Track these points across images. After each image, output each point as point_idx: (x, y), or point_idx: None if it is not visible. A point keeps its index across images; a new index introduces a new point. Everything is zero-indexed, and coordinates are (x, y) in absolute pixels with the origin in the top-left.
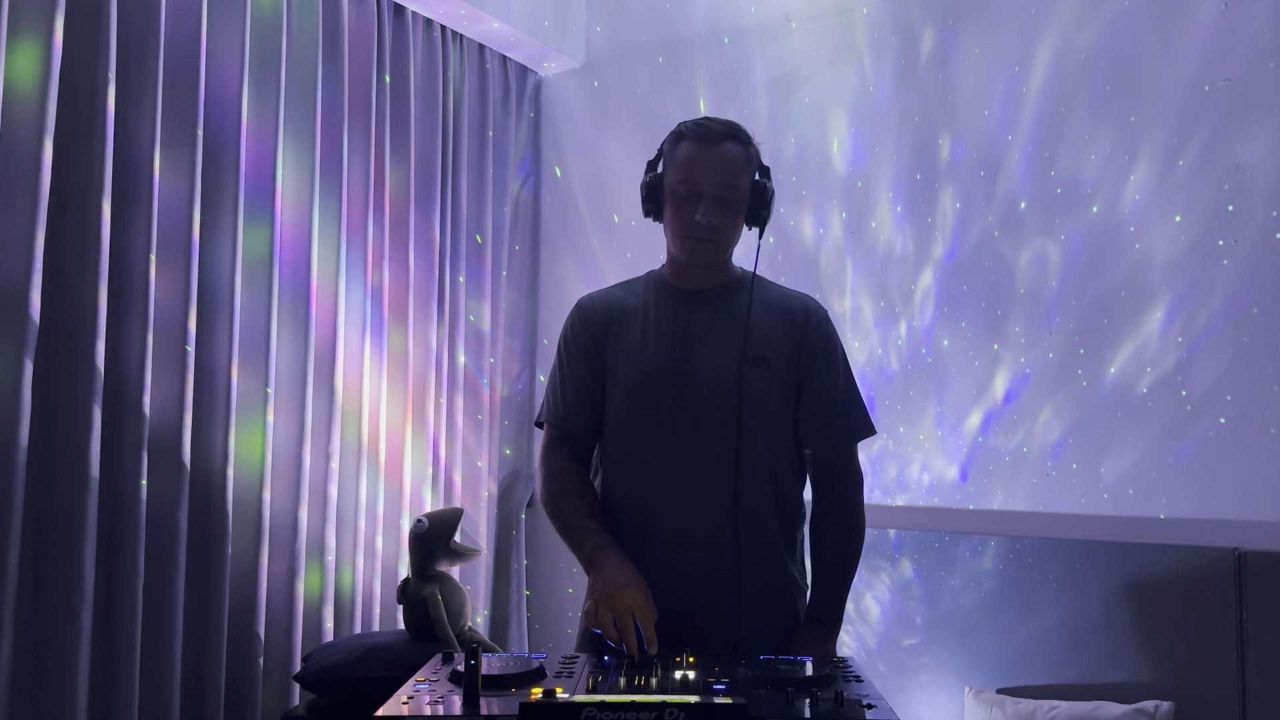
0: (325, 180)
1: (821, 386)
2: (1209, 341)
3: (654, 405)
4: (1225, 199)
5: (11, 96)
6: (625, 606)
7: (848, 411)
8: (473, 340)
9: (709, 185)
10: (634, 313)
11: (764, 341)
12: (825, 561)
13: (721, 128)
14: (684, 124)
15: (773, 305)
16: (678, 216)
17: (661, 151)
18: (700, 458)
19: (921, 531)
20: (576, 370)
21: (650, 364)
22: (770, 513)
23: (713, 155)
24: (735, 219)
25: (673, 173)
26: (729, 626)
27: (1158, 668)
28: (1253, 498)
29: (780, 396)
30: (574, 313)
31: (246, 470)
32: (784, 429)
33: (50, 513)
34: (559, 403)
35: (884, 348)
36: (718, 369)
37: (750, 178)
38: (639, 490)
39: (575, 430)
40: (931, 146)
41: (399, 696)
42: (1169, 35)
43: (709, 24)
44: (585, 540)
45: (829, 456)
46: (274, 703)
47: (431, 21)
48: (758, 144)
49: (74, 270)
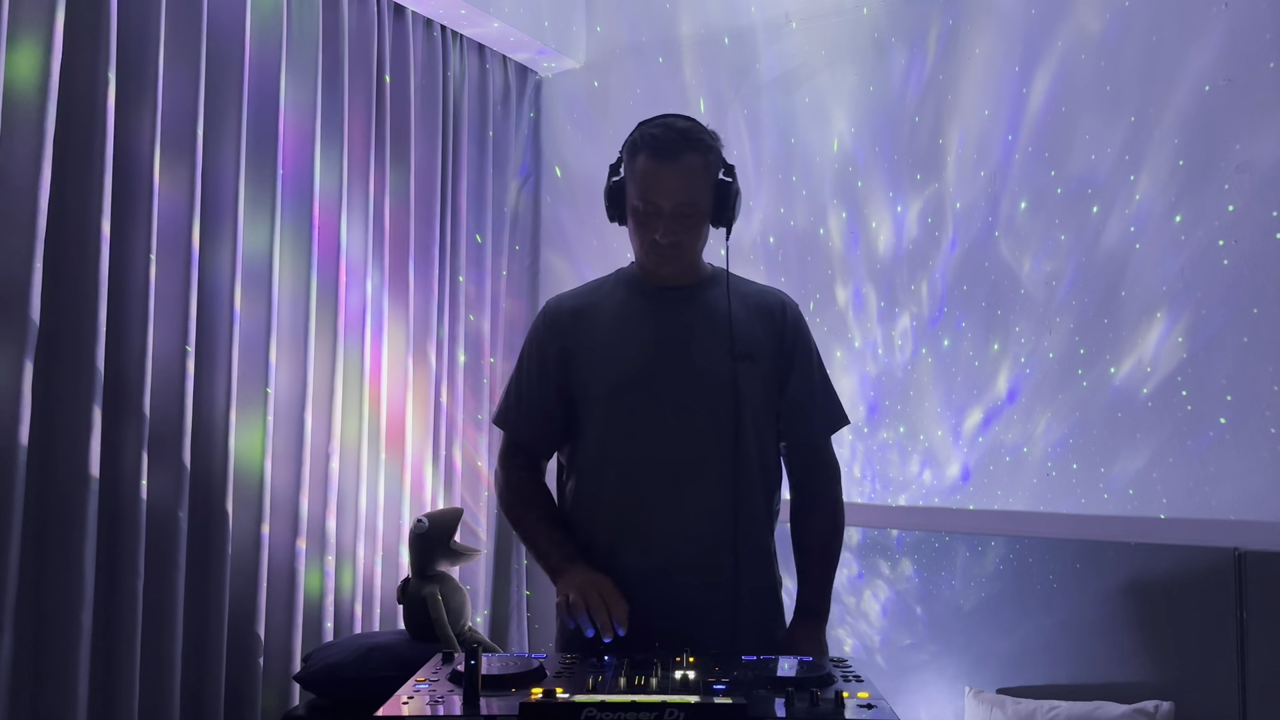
0: (325, 180)
1: (801, 379)
2: (1209, 341)
3: (642, 403)
4: (1225, 199)
5: (11, 96)
6: (594, 589)
7: (826, 403)
8: (473, 340)
9: (668, 205)
10: (607, 312)
11: (748, 337)
12: (813, 552)
13: (678, 137)
14: (643, 130)
15: (749, 301)
16: (640, 232)
17: (622, 157)
18: (694, 454)
19: (921, 531)
20: (533, 381)
21: (634, 362)
22: (760, 506)
23: (670, 174)
24: (697, 231)
25: (632, 186)
26: (728, 623)
27: (1158, 668)
28: (1253, 498)
29: (766, 391)
30: (540, 317)
31: (246, 470)
32: (771, 424)
33: (50, 513)
34: (512, 412)
35: (884, 347)
36: (708, 365)
37: (712, 184)
38: (629, 489)
39: (526, 442)
40: (932, 146)
41: (399, 696)
42: (1169, 35)
43: (709, 24)
44: (551, 550)
45: (810, 448)
46: (274, 703)
47: (431, 21)
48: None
49: (74, 270)
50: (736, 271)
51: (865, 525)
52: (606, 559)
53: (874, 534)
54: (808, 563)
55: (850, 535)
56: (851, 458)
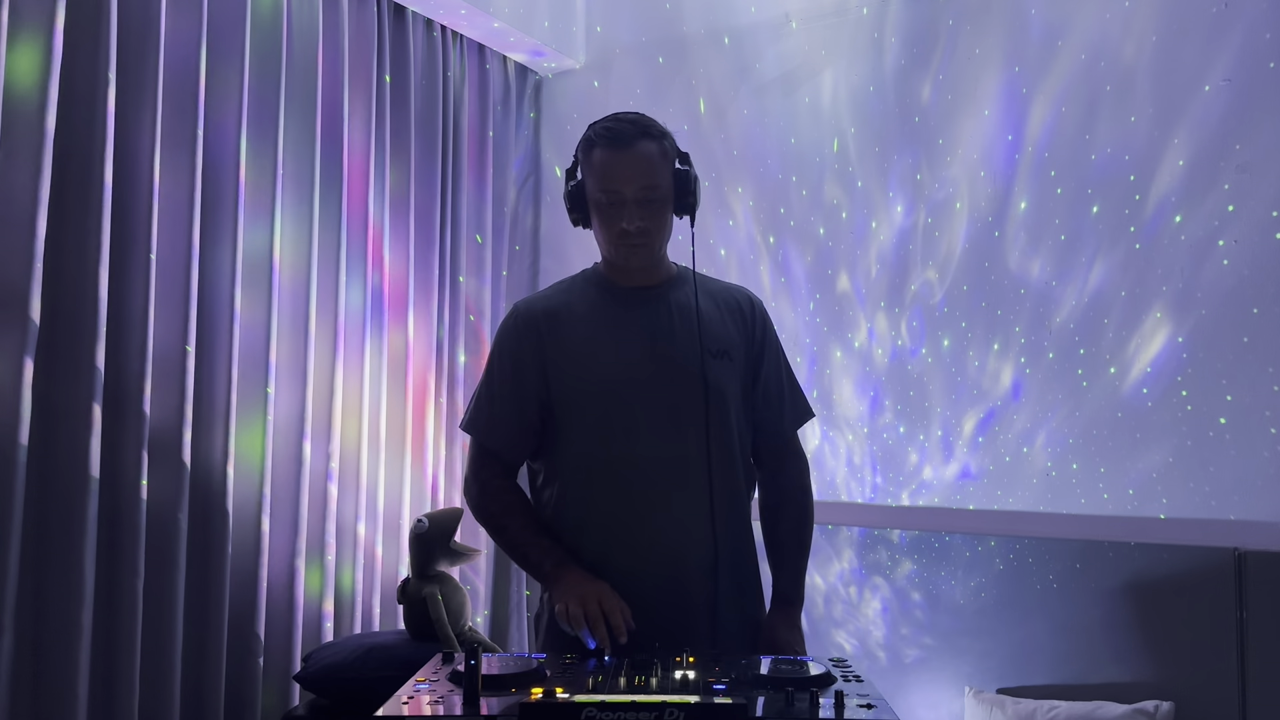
0: (325, 180)
1: (772, 374)
2: (1209, 341)
3: (626, 405)
4: (1225, 199)
5: (11, 96)
6: (595, 597)
7: (794, 397)
8: (473, 340)
9: (630, 190)
10: (581, 314)
11: (721, 335)
12: (787, 543)
13: (632, 128)
14: (594, 128)
15: (719, 299)
16: (605, 225)
17: (577, 159)
18: (680, 453)
19: (921, 531)
20: (508, 385)
21: (615, 364)
22: (745, 500)
23: (628, 159)
24: (662, 216)
25: (592, 182)
26: (712, 615)
27: (1158, 668)
28: (1253, 498)
29: (742, 387)
30: (510, 320)
31: (247, 470)
32: (747, 419)
33: (50, 513)
34: (485, 418)
35: (884, 347)
36: (688, 364)
37: (670, 171)
38: (617, 491)
39: (501, 448)
40: (932, 146)
41: (399, 696)
42: (1169, 35)
43: (709, 24)
44: (543, 558)
45: (781, 441)
46: (274, 703)
47: (431, 21)
48: (670, 134)
49: (74, 270)
50: (736, 271)
51: (865, 525)
52: (596, 562)
53: (874, 533)
54: (783, 553)
55: (850, 535)
56: (851, 457)
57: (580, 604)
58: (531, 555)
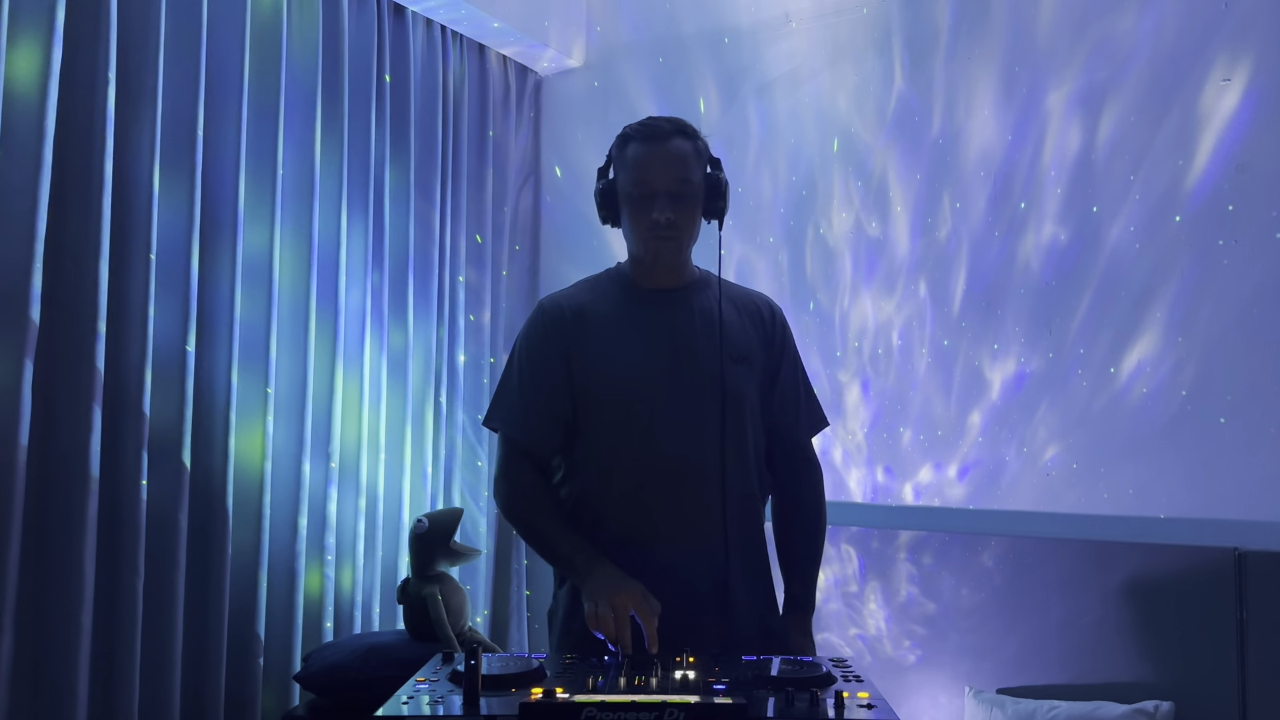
0: (325, 180)
1: (789, 381)
2: (1209, 341)
3: (648, 406)
4: (1225, 199)
5: (11, 96)
6: (625, 604)
7: (810, 404)
8: (473, 340)
9: (662, 183)
10: (605, 314)
11: (741, 340)
12: (800, 549)
13: (668, 125)
14: (629, 127)
15: (739, 304)
16: (636, 218)
17: (610, 157)
18: (700, 456)
19: (921, 531)
20: (537, 381)
21: (639, 365)
22: (755, 505)
23: (662, 152)
24: (692, 213)
25: (624, 175)
26: (723, 619)
27: (1158, 668)
28: (1253, 498)
29: (760, 392)
30: (537, 315)
31: (247, 470)
32: (763, 424)
33: (50, 513)
34: (518, 416)
35: (884, 348)
36: (709, 367)
37: (702, 171)
38: (637, 491)
39: (534, 445)
40: (931, 147)
41: (399, 696)
42: (1168, 35)
43: (709, 24)
44: (574, 554)
45: (798, 448)
46: (274, 703)
47: (431, 21)
48: (705, 137)
49: (74, 271)
50: (734, 272)
51: (865, 525)
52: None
53: (875, 533)
54: (797, 559)
55: (850, 535)
56: (851, 458)
57: (610, 607)
58: (562, 550)
